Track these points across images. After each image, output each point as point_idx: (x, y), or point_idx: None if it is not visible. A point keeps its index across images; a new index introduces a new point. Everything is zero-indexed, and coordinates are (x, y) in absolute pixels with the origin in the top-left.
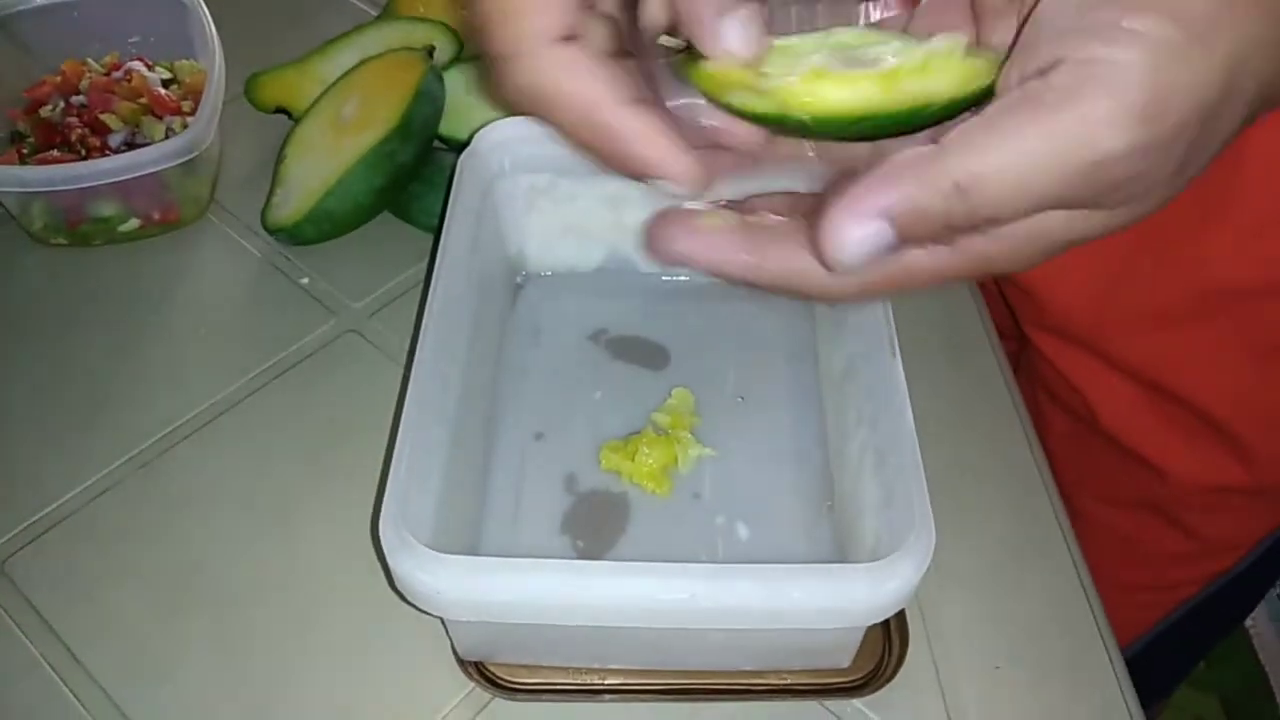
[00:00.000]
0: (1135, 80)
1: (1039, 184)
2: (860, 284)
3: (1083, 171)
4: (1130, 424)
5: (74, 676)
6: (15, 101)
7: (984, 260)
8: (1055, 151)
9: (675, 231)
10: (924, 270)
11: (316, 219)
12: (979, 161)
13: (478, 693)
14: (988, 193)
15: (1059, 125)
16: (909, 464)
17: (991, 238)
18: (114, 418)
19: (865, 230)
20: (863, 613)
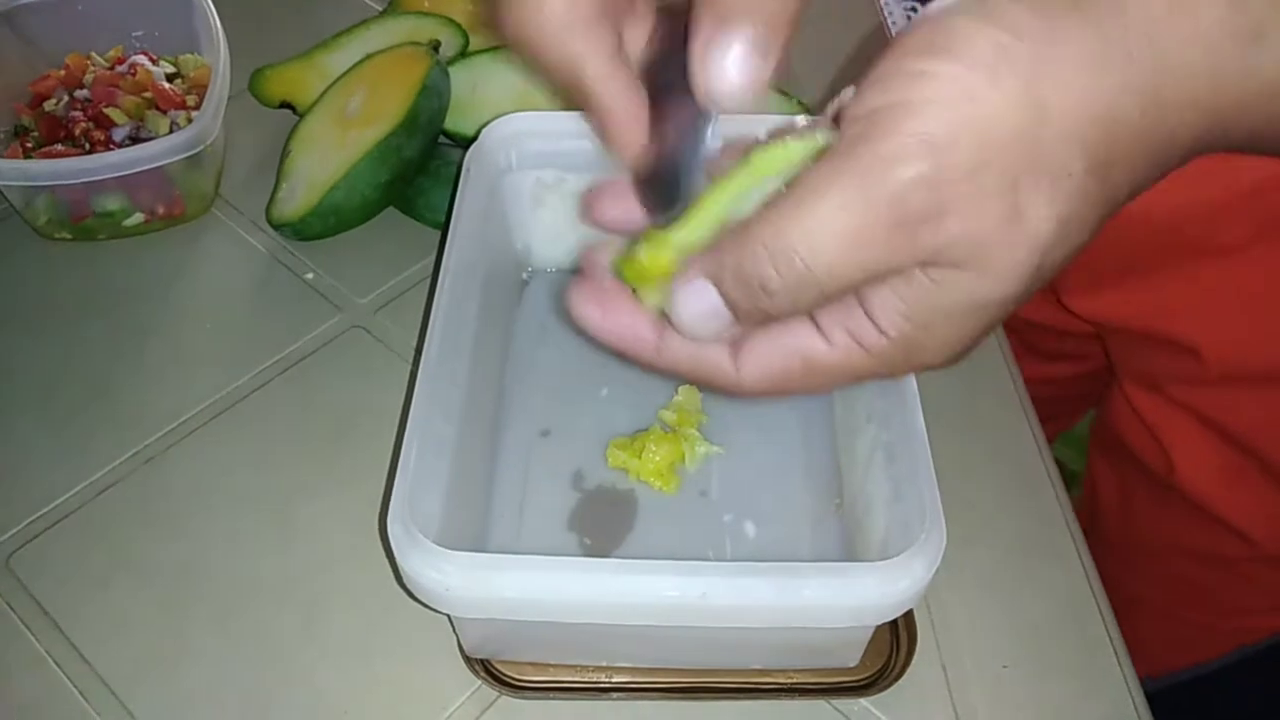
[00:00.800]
0: (919, 116)
1: (845, 228)
2: (765, 380)
3: (881, 208)
4: (1214, 485)
5: (79, 672)
6: (20, 95)
7: (897, 355)
8: (850, 193)
9: (589, 307)
10: (831, 366)
11: (322, 214)
12: (783, 218)
13: (484, 690)
14: (798, 247)
15: (853, 169)
16: (919, 462)
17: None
18: (118, 413)
19: (694, 295)
20: (873, 611)
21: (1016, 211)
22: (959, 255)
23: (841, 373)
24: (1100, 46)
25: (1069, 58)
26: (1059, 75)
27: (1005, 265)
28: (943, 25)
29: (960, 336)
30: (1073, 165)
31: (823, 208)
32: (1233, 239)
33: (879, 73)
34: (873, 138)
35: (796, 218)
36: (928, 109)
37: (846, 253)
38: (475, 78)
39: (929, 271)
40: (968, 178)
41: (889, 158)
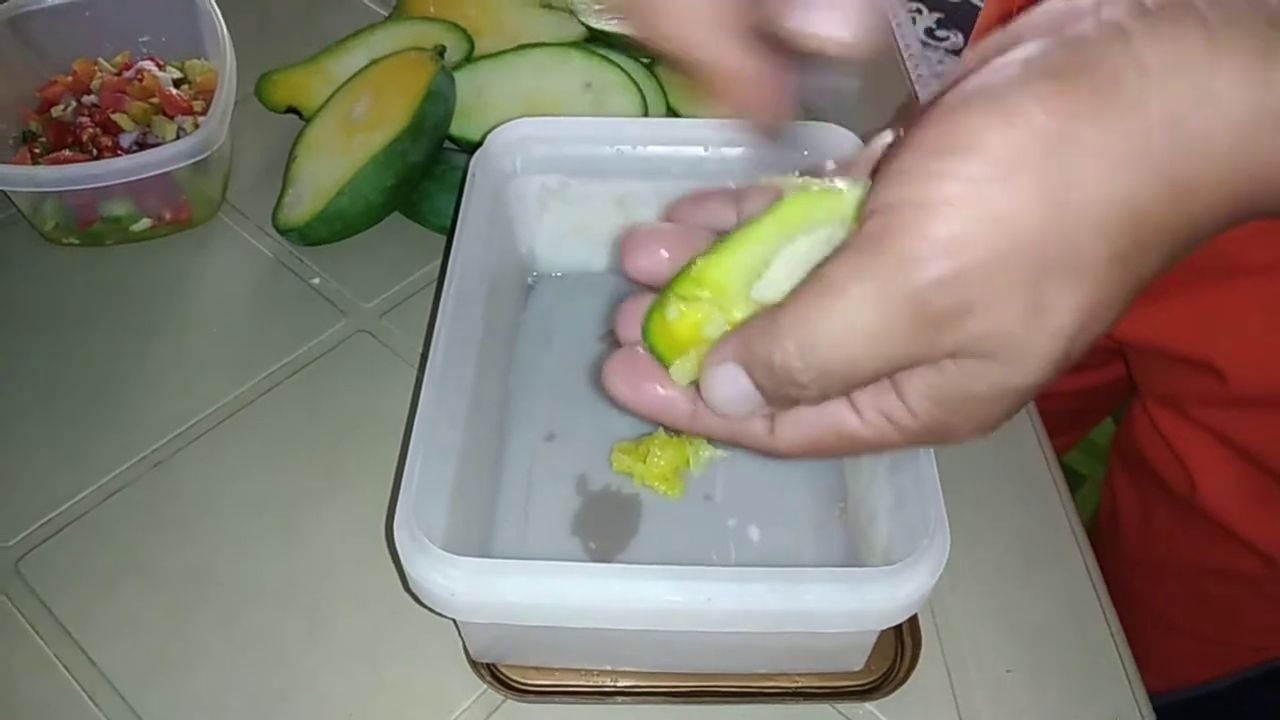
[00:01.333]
0: (937, 215)
1: (868, 327)
2: (800, 447)
3: (904, 308)
4: (1236, 506)
5: (87, 675)
6: (27, 101)
7: (926, 433)
8: (873, 293)
9: (620, 382)
10: (863, 440)
11: (328, 219)
12: (808, 315)
13: (490, 694)
14: (823, 344)
15: (875, 269)
16: (923, 467)
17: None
18: (126, 417)
19: (725, 379)
20: (877, 616)
21: (1040, 306)
22: (984, 349)
23: (873, 444)
24: (1120, 143)
25: (1087, 157)
26: (1078, 172)
27: (1031, 357)
28: (960, 124)
29: (989, 418)
30: (1095, 258)
31: (848, 306)
32: (1260, 259)
33: (898, 166)
34: (895, 235)
35: (821, 315)
36: (945, 210)
37: (870, 350)
38: (480, 83)
39: (956, 362)
40: (988, 277)
41: (909, 259)
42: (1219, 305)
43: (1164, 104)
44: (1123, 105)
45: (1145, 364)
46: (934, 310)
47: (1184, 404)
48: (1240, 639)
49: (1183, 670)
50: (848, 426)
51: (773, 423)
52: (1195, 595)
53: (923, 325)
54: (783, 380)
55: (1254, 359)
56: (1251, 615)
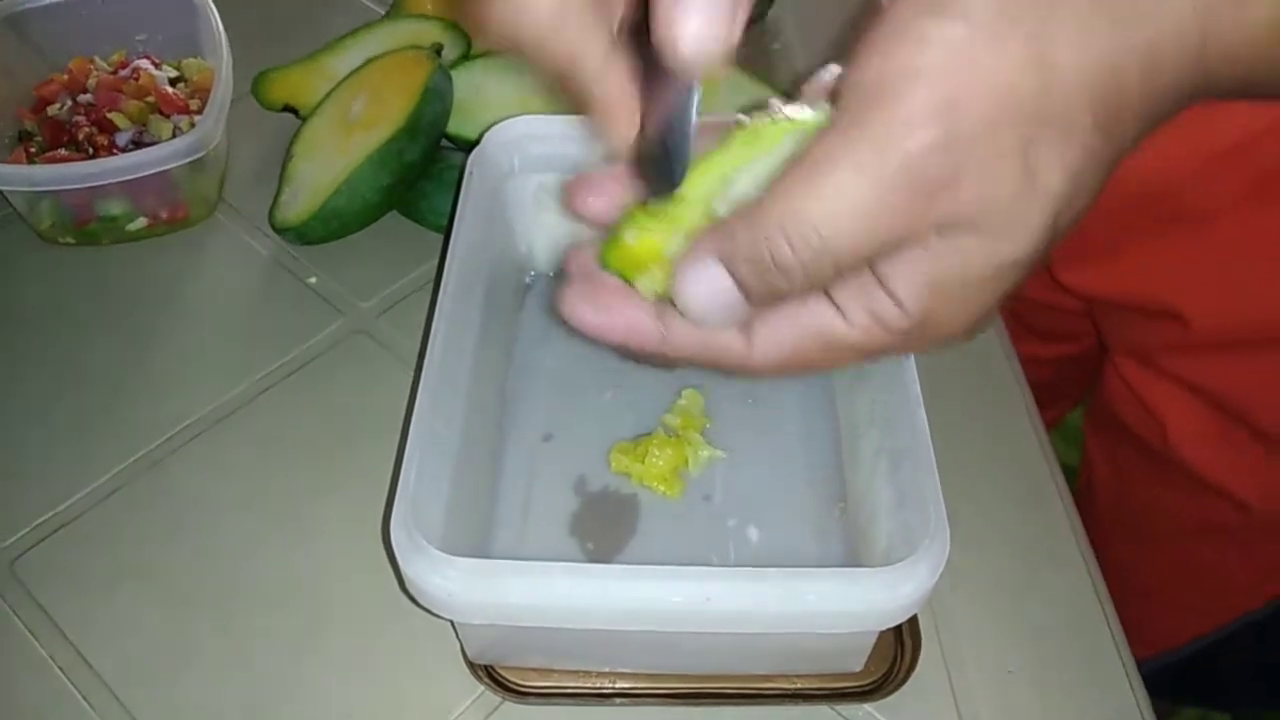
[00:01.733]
0: (925, 80)
1: (861, 201)
2: (779, 359)
3: (897, 177)
4: (1209, 453)
5: (82, 677)
6: (24, 99)
7: (916, 329)
8: (865, 164)
9: (583, 307)
10: (849, 344)
11: (324, 218)
12: (799, 194)
13: (487, 696)
14: (817, 222)
15: (862, 139)
16: (923, 466)
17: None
18: (122, 417)
19: (703, 278)
20: (877, 616)
21: (1029, 170)
22: (976, 218)
23: (860, 350)
24: (1097, 6)
25: (1069, 17)
26: (1061, 34)
27: (1021, 225)
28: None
29: (979, 304)
30: (1081, 121)
31: (839, 179)
32: (1213, 203)
33: (881, 35)
34: (883, 104)
35: (813, 192)
36: (935, 73)
37: (866, 224)
38: (478, 81)
39: (946, 238)
40: (980, 140)
41: (902, 124)
42: (1177, 251)
43: None
44: None
45: (1111, 317)
46: (928, 176)
47: (1151, 355)
48: (1222, 593)
49: (1168, 632)
50: (832, 329)
51: (750, 337)
52: (1175, 554)
53: (916, 193)
54: (768, 268)
55: (1214, 302)
56: (1230, 568)
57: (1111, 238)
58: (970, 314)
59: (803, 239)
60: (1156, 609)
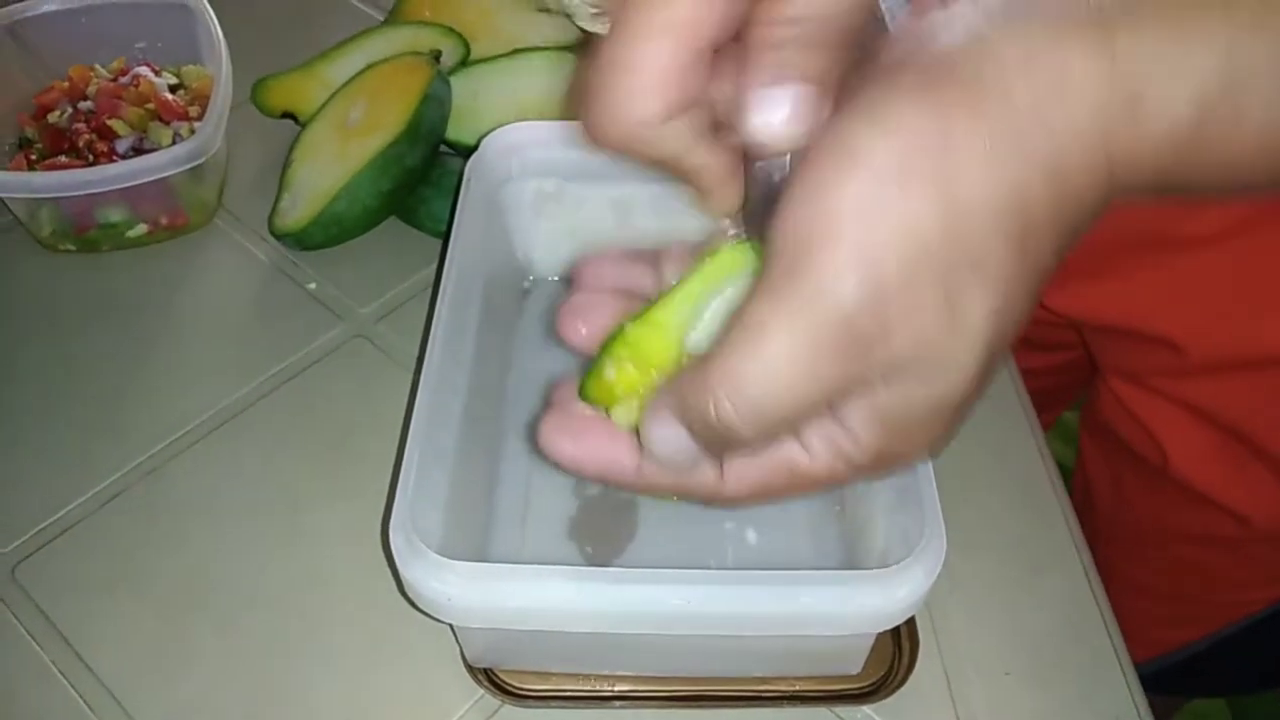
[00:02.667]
0: (842, 234)
1: (797, 362)
2: (750, 491)
3: (827, 336)
4: (1208, 472)
5: (84, 682)
6: (24, 107)
7: (877, 461)
8: (796, 325)
9: (561, 438)
10: (815, 475)
11: (324, 223)
12: (734, 360)
13: (487, 699)
14: (753, 388)
15: (791, 299)
16: (920, 470)
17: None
18: (122, 423)
19: (664, 432)
20: (874, 619)
21: (953, 313)
22: (910, 365)
23: (824, 481)
24: (996, 135)
25: (968, 153)
26: (962, 168)
27: (954, 367)
28: (844, 142)
29: (933, 434)
30: (994, 253)
31: (772, 341)
32: (1202, 230)
33: (793, 193)
34: (804, 265)
35: (747, 358)
36: (849, 227)
37: (802, 385)
38: (476, 87)
39: (888, 384)
40: (903, 289)
41: (825, 284)
42: (1170, 278)
43: (1027, 93)
44: (991, 101)
45: (1103, 342)
46: (858, 331)
47: (1145, 377)
48: (1217, 598)
49: (1162, 636)
50: (797, 464)
51: (723, 472)
52: (1171, 560)
53: (850, 350)
54: (718, 430)
55: (1208, 329)
56: (1227, 574)
57: (1096, 263)
58: (926, 443)
59: (743, 401)
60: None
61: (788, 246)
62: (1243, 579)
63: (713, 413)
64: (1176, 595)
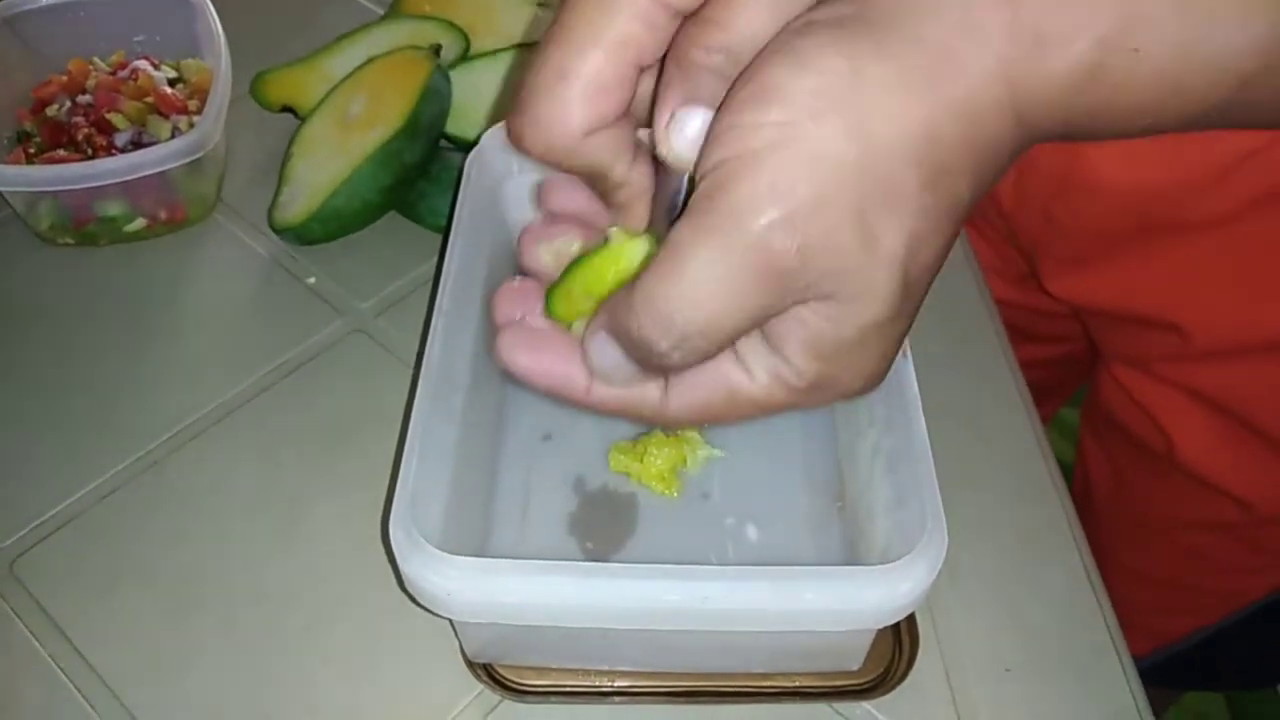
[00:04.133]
0: (760, 166)
1: (716, 283)
2: (691, 411)
3: (744, 258)
4: (1213, 458)
5: (82, 677)
6: (22, 100)
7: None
8: (714, 249)
9: (519, 352)
10: (754, 399)
11: (323, 218)
12: (656, 282)
13: (486, 694)
14: (674, 309)
15: (712, 225)
16: (921, 466)
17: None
18: (121, 417)
19: (601, 349)
20: (874, 615)
21: (869, 236)
22: (829, 289)
23: (765, 405)
24: (906, 75)
25: (880, 91)
26: (874, 105)
27: (872, 289)
28: (764, 78)
29: (868, 361)
30: (907, 183)
31: (690, 267)
32: (1207, 215)
33: (716, 129)
34: (723, 193)
35: (667, 279)
36: (766, 158)
37: (722, 306)
38: (477, 81)
39: (810, 307)
40: (816, 214)
41: (743, 209)
42: (1175, 262)
43: (936, 35)
44: (902, 41)
45: (1107, 329)
46: (775, 255)
47: (1149, 363)
48: (1218, 585)
49: (1162, 626)
50: (738, 386)
51: (666, 391)
52: (1172, 548)
53: (768, 273)
54: (646, 350)
55: (1213, 313)
56: (1228, 560)
57: (1102, 248)
58: (862, 370)
59: (665, 323)
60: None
61: (710, 177)
62: (1244, 565)
63: (634, 332)
64: (1177, 583)
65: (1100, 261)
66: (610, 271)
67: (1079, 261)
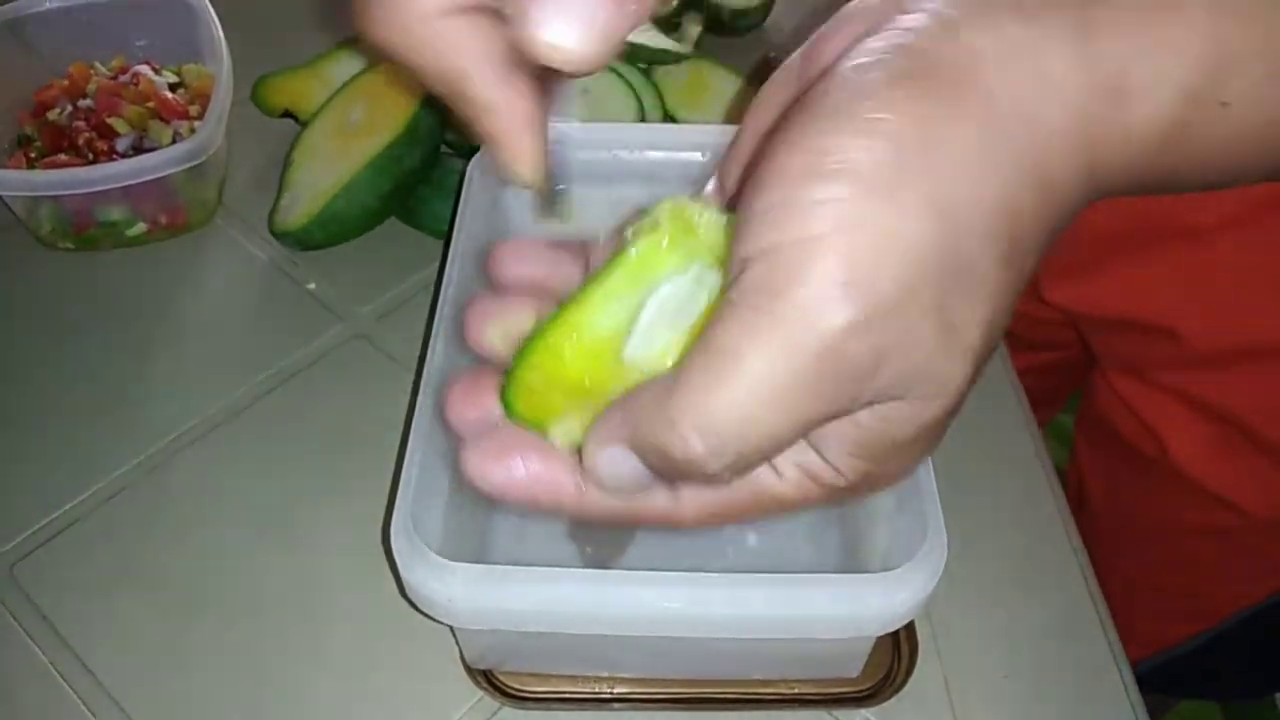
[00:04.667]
0: (825, 251)
1: (776, 395)
2: (709, 514)
3: (817, 367)
4: (1208, 464)
5: (81, 682)
6: (23, 104)
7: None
8: (778, 354)
9: (488, 465)
10: (782, 499)
11: (324, 223)
12: (703, 393)
13: (486, 701)
14: (727, 425)
15: (772, 326)
16: (920, 472)
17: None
18: (121, 422)
19: (614, 463)
20: (875, 622)
21: (949, 329)
22: (902, 389)
23: (793, 504)
24: (982, 139)
25: (955, 158)
26: (953, 177)
27: (947, 384)
28: (822, 145)
29: (913, 459)
30: (987, 263)
31: (747, 375)
32: (1206, 220)
33: (766, 201)
34: (785, 284)
35: (718, 389)
36: (833, 243)
37: (783, 419)
38: None
39: (874, 410)
40: (895, 313)
41: (811, 307)
42: (1171, 269)
43: (1008, 92)
44: (974, 99)
45: (1102, 335)
46: (848, 359)
47: (1144, 370)
48: (1213, 591)
49: (1158, 632)
50: (767, 487)
51: (676, 493)
52: (1167, 554)
53: (839, 379)
54: (684, 468)
55: (1209, 319)
56: (1224, 566)
57: (1097, 256)
58: (904, 468)
59: (713, 438)
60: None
61: (760, 259)
62: (1239, 571)
63: (678, 450)
64: (1172, 589)
65: (1098, 269)
66: (567, 348)
67: (1078, 270)
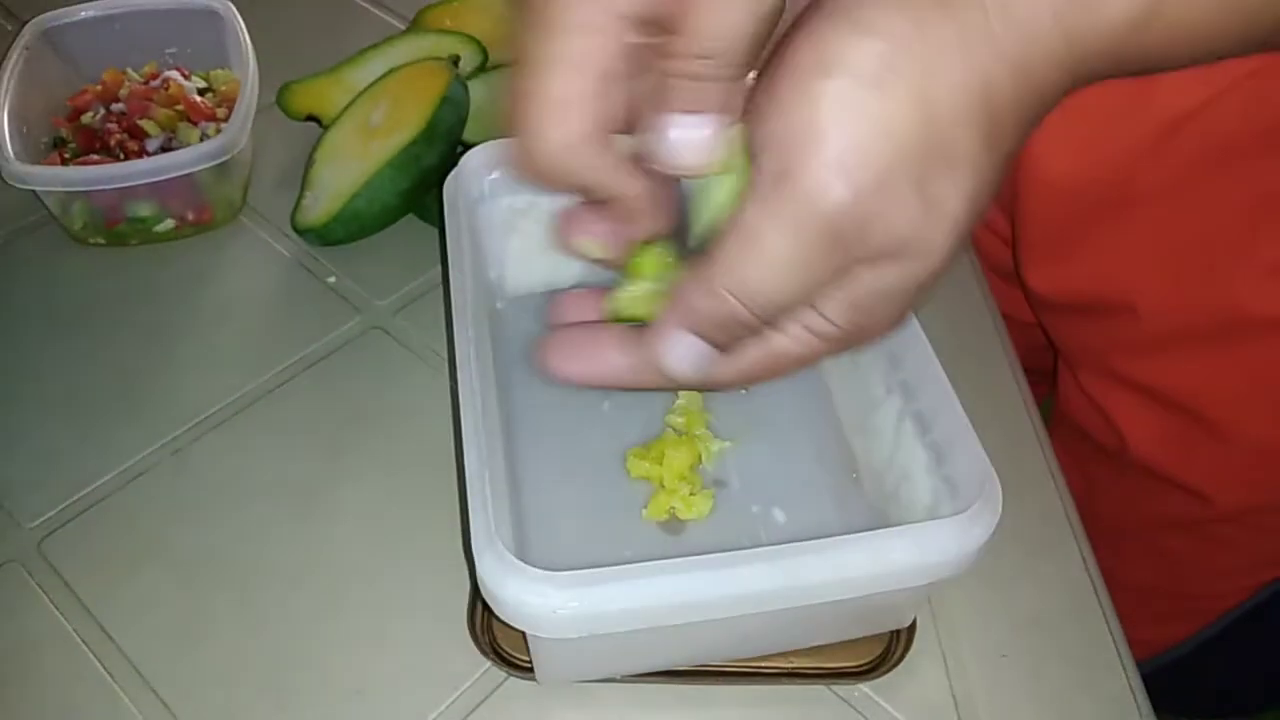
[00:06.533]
0: (825, 139)
1: (792, 259)
2: (737, 373)
3: (822, 233)
4: (1164, 451)
5: (106, 652)
6: (59, 110)
7: (847, 338)
8: (787, 229)
9: (570, 362)
10: (791, 355)
11: (344, 220)
12: (737, 262)
13: (493, 671)
14: (758, 287)
15: (782, 209)
16: (957, 422)
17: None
18: (148, 407)
19: (679, 346)
20: (957, 563)
21: (931, 202)
22: (890, 251)
23: (801, 358)
24: (965, 33)
25: (940, 50)
26: (936, 68)
27: (931, 249)
28: (824, 42)
29: (900, 311)
30: (965, 145)
31: (767, 247)
32: (1149, 185)
33: (777, 94)
34: (792, 170)
35: (748, 259)
36: (831, 131)
37: (797, 277)
38: (494, 90)
39: (866, 267)
40: (882, 188)
41: (812, 192)
42: (1129, 238)
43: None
44: (962, 1)
45: (1066, 326)
46: (842, 230)
47: (1106, 359)
48: (1201, 590)
49: (1155, 635)
50: (778, 346)
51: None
52: (1144, 551)
53: (837, 247)
54: (731, 327)
55: (1164, 289)
56: (1200, 561)
57: (1072, 235)
58: (893, 319)
59: (750, 298)
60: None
61: (774, 150)
62: (1215, 567)
63: (726, 313)
64: (1153, 589)
65: (1068, 249)
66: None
67: (1051, 253)
